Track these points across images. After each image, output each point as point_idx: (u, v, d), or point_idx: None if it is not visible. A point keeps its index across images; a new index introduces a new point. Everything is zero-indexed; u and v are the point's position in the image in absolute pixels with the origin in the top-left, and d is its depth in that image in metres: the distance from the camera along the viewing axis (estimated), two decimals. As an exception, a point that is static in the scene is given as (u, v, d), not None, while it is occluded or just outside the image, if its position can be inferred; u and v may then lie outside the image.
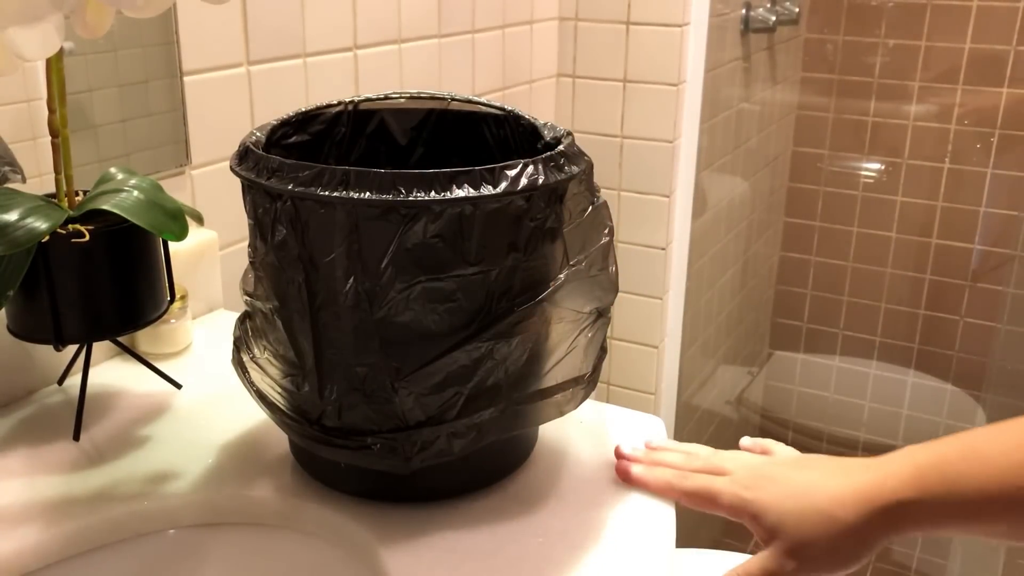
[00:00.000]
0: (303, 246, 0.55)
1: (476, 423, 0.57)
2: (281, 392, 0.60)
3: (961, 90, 2.09)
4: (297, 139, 0.67)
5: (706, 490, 0.60)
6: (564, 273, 0.58)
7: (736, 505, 0.59)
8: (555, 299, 0.58)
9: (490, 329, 0.56)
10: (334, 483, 0.62)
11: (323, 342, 0.57)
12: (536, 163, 0.55)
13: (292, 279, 0.56)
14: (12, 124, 0.71)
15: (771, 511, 0.57)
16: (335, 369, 0.57)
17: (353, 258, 0.54)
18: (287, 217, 0.55)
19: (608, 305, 0.63)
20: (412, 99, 0.71)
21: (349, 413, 0.57)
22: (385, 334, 0.55)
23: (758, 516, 0.58)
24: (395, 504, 0.61)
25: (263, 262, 0.59)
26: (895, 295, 2.29)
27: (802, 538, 0.56)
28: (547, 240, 0.57)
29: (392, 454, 0.57)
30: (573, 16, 1.49)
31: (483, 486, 0.63)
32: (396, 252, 0.53)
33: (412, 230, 0.53)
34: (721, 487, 0.60)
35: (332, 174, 0.53)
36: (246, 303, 0.63)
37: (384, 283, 0.54)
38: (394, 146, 0.71)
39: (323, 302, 0.56)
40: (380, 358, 0.56)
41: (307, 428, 0.59)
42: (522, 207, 0.55)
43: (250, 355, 0.63)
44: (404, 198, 0.52)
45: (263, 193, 0.56)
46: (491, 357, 0.56)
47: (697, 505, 0.61)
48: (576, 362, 0.61)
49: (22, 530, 0.58)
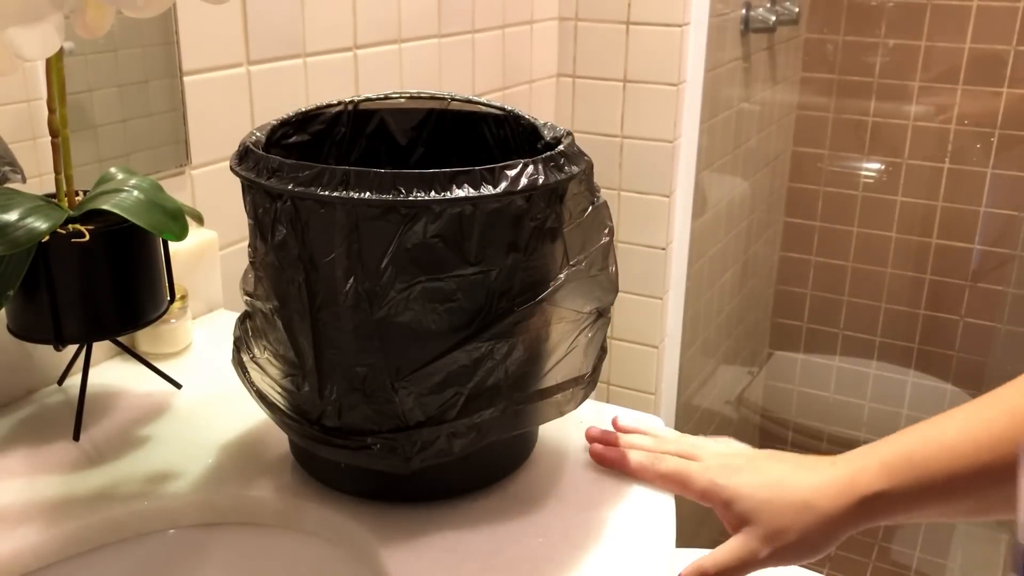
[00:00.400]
0: (303, 246, 0.55)
1: (476, 423, 0.57)
2: (281, 392, 0.60)
3: (961, 90, 2.09)
4: (297, 139, 0.66)
5: (680, 474, 0.62)
6: (564, 273, 0.58)
7: (709, 490, 0.60)
8: (555, 299, 0.58)
9: (490, 329, 0.56)
10: (334, 483, 0.62)
11: (323, 342, 0.57)
12: (536, 163, 0.55)
13: (292, 279, 0.56)
14: (12, 124, 0.71)
15: (746, 498, 0.59)
16: (335, 369, 0.57)
17: (353, 258, 0.54)
18: (287, 217, 0.54)
19: (608, 305, 0.63)
20: (412, 99, 0.71)
21: (349, 413, 0.57)
22: (385, 334, 0.55)
23: (732, 502, 0.59)
24: (395, 504, 0.61)
25: (263, 262, 0.59)
26: (895, 295, 2.29)
27: (778, 526, 0.57)
28: (547, 240, 0.57)
29: (392, 454, 0.57)
30: (573, 16, 1.49)
31: (483, 486, 0.63)
32: (396, 252, 0.53)
33: (412, 230, 0.52)
34: (695, 471, 0.61)
35: (332, 174, 0.53)
36: (246, 303, 0.63)
37: (384, 283, 0.54)
38: (394, 146, 0.71)
39: (323, 302, 0.56)
40: (380, 358, 0.56)
41: (307, 428, 0.59)
42: (522, 207, 0.55)
43: (250, 355, 0.63)
44: (404, 198, 0.52)
45: (263, 193, 0.56)
46: (491, 357, 0.56)
47: (669, 488, 0.63)
48: (576, 362, 0.61)
49: (22, 530, 0.58)
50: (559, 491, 0.63)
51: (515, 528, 0.59)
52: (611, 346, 1.60)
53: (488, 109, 0.69)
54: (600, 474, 0.65)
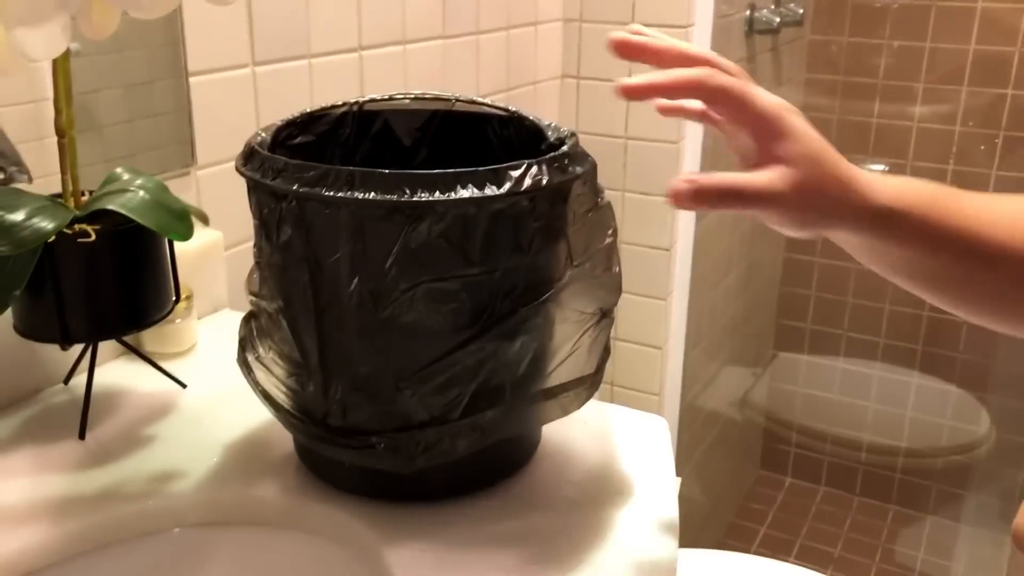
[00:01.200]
0: (308, 246, 0.55)
1: (479, 423, 0.57)
2: (286, 392, 0.60)
3: (966, 91, 2.09)
4: (302, 140, 0.67)
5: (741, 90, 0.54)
6: (568, 273, 0.58)
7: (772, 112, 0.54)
8: (559, 299, 0.58)
9: (494, 329, 0.56)
10: (338, 482, 0.63)
11: (327, 342, 0.57)
12: (540, 164, 0.55)
13: (297, 279, 0.56)
14: (19, 124, 0.72)
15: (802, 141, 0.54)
16: (339, 369, 0.57)
17: (358, 258, 0.54)
18: (292, 217, 0.55)
19: (612, 306, 0.63)
20: (416, 100, 0.71)
21: (353, 413, 0.57)
22: (389, 334, 0.55)
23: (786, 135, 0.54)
24: (399, 503, 0.61)
25: (268, 262, 0.59)
26: (899, 296, 2.28)
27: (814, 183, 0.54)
28: (551, 240, 0.57)
29: (396, 454, 0.57)
30: (577, 17, 1.49)
31: (487, 486, 0.63)
32: (400, 252, 0.53)
33: (416, 230, 0.53)
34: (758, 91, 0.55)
35: (337, 174, 0.53)
36: (251, 303, 0.63)
37: (388, 283, 0.54)
38: (398, 147, 0.71)
39: (327, 302, 0.56)
40: (384, 358, 0.56)
41: (311, 427, 0.59)
42: (526, 207, 0.55)
43: (255, 354, 0.63)
44: (408, 199, 0.52)
45: (268, 193, 0.56)
46: (494, 357, 0.56)
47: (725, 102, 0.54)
48: (580, 362, 0.61)
49: (27, 528, 0.58)
50: (562, 491, 0.64)
51: (519, 528, 0.60)
52: (615, 347, 1.60)
53: (492, 110, 0.69)
54: (604, 474, 0.66)
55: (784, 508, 2.35)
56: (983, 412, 2.17)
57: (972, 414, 2.18)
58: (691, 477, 1.89)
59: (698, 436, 1.93)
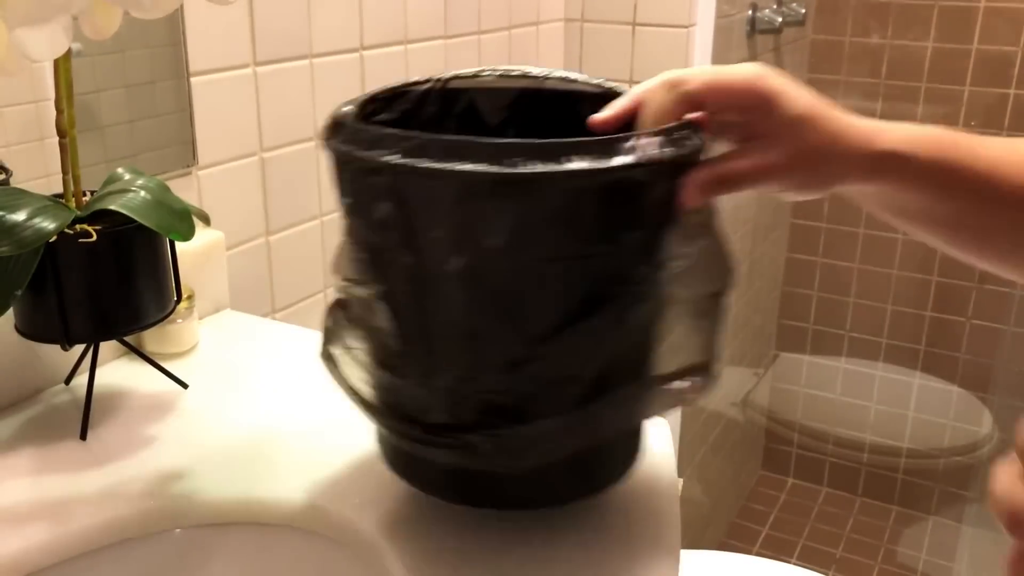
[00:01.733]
0: (408, 223, 0.50)
1: (591, 415, 0.53)
2: (377, 386, 0.57)
3: (968, 91, 2.09)
4: (386, 116, 0.62)
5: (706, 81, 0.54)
6: (682, 252, 0.54)
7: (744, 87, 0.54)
8: (674, 280, 0.54)
9: (603, 311, 0.51)
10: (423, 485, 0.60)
11: (431, 327, 0.53)
12: (655, 136, 0.51)
13: (394, 259, 0.52)
14: (20, 124, 0.72)
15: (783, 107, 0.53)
16: (445, 357, 0.53)
17: (464, 235, 0.49)
18: (390, 192, 0.50)
19: (726, 287, 0.58)
20: (503, 77, 0.66)
21: (455, 407, 0.53)
22: (495, 316, 0.51)
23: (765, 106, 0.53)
24: (400, 503, 0.61)
25: (361, 242, 0.54)
26: (901, 296, 2.28)
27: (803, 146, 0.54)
28: (666, 218, 0.53)
29: (502, 452, 0.53)
30: (579, 17, 1.49)
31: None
32: (508, 228, 0.49)
33: (525, 204, 0.48)
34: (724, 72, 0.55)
35: (439, 144, 0.48)
36: (340, 289, 0.59)
37: (494, 261, 0.50)
38: (484, 127, 0.66)
39: (429, 283, 0.51)
40: (490, 344, 0.52)
41: (405, 427, 0.55)
42: (642, 182, 0.50)
43: (343, 346, 0.59)
44: (516, 170, 0.47)
45: (361, 167, 0.51)
46: (606, 342, 0.52)
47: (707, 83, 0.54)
48: (694, 348, 0.57)
49: (29, 529, 0.58)
50: (564, 492, 0.63)
51: (520, 528, 0.59)
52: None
53: (585, 88, 0.64)
54: (605, 475, 0.65)
55: (786, 509, 2.35)
56: (985, 413, 2.16)
57: (974, 415, 2.18)
58: (693, 478, 1.89)
59: (700, 436, 1.93)
